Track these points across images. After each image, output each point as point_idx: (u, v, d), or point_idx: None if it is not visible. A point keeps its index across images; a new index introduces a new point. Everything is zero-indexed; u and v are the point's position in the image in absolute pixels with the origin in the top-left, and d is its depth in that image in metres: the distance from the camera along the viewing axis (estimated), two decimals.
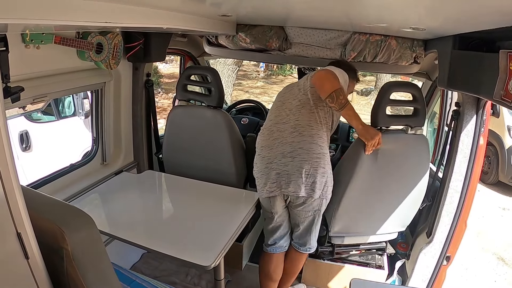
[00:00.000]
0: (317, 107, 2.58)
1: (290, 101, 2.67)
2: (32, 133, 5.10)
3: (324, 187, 2.57)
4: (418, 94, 2.65)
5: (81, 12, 1.47)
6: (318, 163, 2.52)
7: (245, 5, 2.20)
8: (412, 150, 2.70)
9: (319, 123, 2.58)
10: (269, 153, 2.62)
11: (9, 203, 1.05)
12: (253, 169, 2.74)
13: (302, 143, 2.53)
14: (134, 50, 2.86)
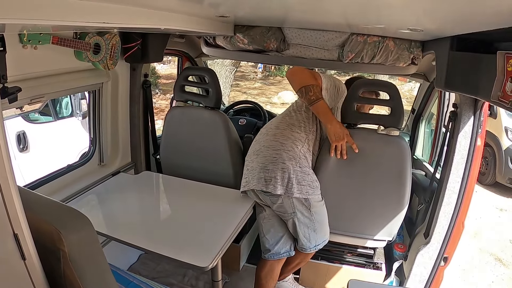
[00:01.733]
0: (298, 111, 2.81)
1: (280, 116, 2.93)
2: (29, 134, 5.10)
3: (288, 184, 2.58)
4: (394, 93, 2.67)
5: (79, 13, 1.47)
6: (276, 159, 2.60)
7: (243, 6, 2.20)
8: (384, 151, 2.67)
9: (296, 125, 2.74)
10: (250, 157, 2.77)
11: (6, 204, 1.05)
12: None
13: (271, 143, 2.68)
14: (131, 50, 2.86)
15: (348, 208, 2.80)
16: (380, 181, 2.74)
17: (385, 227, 2.86)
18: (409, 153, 2.71)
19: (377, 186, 2.75)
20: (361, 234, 2.92)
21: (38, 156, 5.02)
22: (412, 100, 5.35)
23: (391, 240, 2.98)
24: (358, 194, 2.74)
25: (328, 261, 3.20)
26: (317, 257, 3.18)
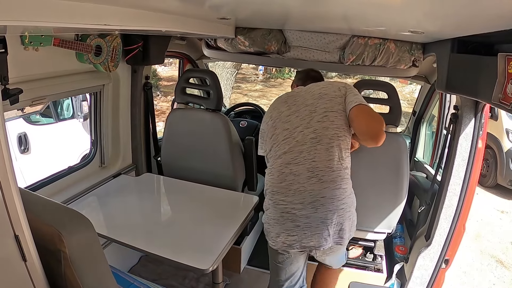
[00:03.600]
0: (337, 139, 2.18)
1: (300, 131, 2.21)
2: (30, 135, 5.10)
3: (352, 227, 2.29)
4: (392, 93, 2.76)
5: (80, 15, 1.47)
6: (344, 209, 2.18)
7: (244, 8, 2.20)
8: (382, 147, 2.71)
9: (339, 161, 2.19)
10: (284, 201, 2.18)
11: (7, 205, 1.05)
12: (265, 213, 2.32)
13: (324, 191, 2.14)
14: (133, 52, 2.86)
15: None
16: (379, 176, 2.82)
17: (385, 219, 2.92)
18: (406, 148, 2.81)
19: (376, 181, 2.82)
20: (361, 227, 2.93)
21: (39, 157, 5.02)
22: (413, 102, 5.35)
23: (391, 232, 3.04)
24: (358, 188, 2.76)
25: None
26: None
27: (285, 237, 2.21)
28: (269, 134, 2.34)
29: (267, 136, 2.36)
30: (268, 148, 2.34)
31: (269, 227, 2.28)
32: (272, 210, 2.25)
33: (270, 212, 2.27)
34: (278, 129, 2.29)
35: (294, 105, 2.31)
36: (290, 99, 2.37)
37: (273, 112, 2.38)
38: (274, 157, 2.27)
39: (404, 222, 3.57)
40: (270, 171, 2.30)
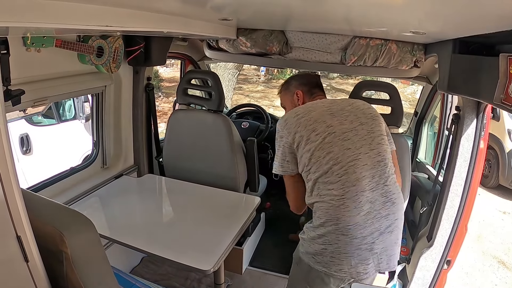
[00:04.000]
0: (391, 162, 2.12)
1: (366, 153, 2.02)
2: (32, 136, 5.11)
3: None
4: (394, 94, 2.76)
5: (82, 16, 1.48)
6: (399, 229, 2.11)
7: (245, 9, 2.20)
8: None
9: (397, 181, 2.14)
10: (363, 233, 1.96)
11: (9, 206, 1.05)
12: (323, 248, 2.02)
13: (398, 214, 2.06)
14: (134, 54, 2.86)
15: None
16: None
17: None
18: (408, 149, 2.84)
19: None
20: None
21: (41, 158, 5.03)
22: (414, 103, 5.34)
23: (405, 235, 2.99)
24: None
25: None
26: None
27: (360, 267, 2.01)
28: (319, 152, 1.98)
29: (314, 153, 1.99)
30: (318, 169, 1.99)
31: (333, 260, 2.00)
32: (342, 245, 1.97)
33: (337, 247, 1.98)
34: (337, 147, 1.98)
35: (346, 120, 2.05)
36: (338, 113, 2.08)
37: (317, 125, 2.02)
38: (336, 182, 1.96)
39: (406, 223, 3.56)
40: (336, 200, 1.96)
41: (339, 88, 17.04)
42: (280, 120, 2.17)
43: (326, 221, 1.98)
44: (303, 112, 2.10)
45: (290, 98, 2.40)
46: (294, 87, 2.40)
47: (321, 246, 2.01)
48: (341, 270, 2.00)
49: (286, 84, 2.48)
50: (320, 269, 2.04)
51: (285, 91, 2.46)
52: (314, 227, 2.04)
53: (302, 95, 2.35)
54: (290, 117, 2.11)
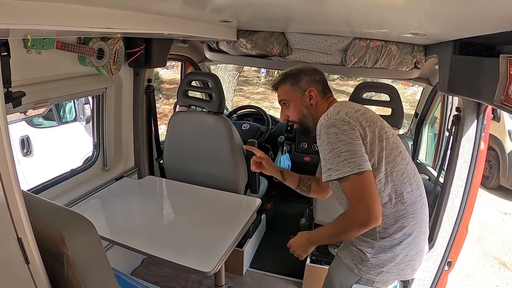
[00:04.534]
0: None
1: (408, 158, 1.97)
2: (33, 138, 5.10)
3: None
4: (394, 95, 2.75)
5: (83, 18, 1.48)
6: None
7: (246, 10, 2.20)
8: None
9: None
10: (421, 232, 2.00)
11: (10, 208, 1.05)
12: (404, 255, 1.93)
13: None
14: (135, 55, 2.87)
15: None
16: None
17: None
18: (408, 151, 2.77)
19: None
20: None
21: (41, 160, 5.03)
22: (415, 104, 5.34)
23: None
24: None
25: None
26: (321, 262, 3.17)
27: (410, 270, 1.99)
28: (393, 151, 1.87)
29: (389, 151, 1.86)
30: (394, 169, 1.86)
31: (412, 261, 1.97)
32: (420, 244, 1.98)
33: (417, 247, 1.96)
34: (401, 147, 1.93)
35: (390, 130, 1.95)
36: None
37: (379, 123, 1.90)
38: (413, 183, 1.93)
39: None
40: (418, 202, 1.94)
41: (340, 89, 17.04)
42: (335, 114, 1.83)
43: (408, 225, 1.90)
44: (359, 109, 1.89)
45: (299, 96, 2.06)
46: (306, 83, 2.05)
47: (400, 252, 1.91)
48: (413, 271, 2.00)
49: (293, 78, 2.08)
50: (386, 279, 1.98)
51: (293, 86, 2.07)
52: (390, 236, 1.90)
53: (317, 94, 2.05)
54: (351, 111, 1.85)
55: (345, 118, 1.79)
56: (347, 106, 1.89)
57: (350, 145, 1.74)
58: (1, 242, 1.07)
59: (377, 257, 1.92)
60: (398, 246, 1.89)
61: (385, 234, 1.89)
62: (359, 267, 1.96)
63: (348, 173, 1.70)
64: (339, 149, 1.74)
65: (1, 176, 1.01)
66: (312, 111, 2.05)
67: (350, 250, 2.01)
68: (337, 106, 1.91)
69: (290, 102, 2.08)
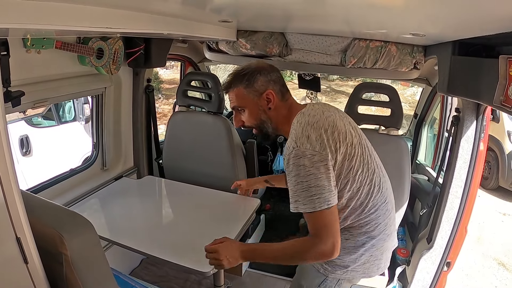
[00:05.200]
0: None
1: (376, 156, 1.99)
2: (32, 138, 5.11)
3: None
4: (394, 96, 2.79)
5: (82, 18, 1.48)
6: None
7: (245, 11, 2.21)
8: (384, 150, 2.77)
9: None
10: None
11: (9, 208, 1.05)
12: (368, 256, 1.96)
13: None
14: (134, 55, 2.86)
15: None
16: None
17: None
18: (408, 151, 2.84)
19: None
20: None
21: (41, 160, 5.03)
22: (414, 104, 5.34)
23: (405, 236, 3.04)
24: None
25: None
26: None
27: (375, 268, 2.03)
28: (363, 166, 1.83)
29: (359, 167, 1.81)
30: (365, 183, 1.84)
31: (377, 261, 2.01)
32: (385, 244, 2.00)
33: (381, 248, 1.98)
34: (366, 155, 1.87)
35: (350, 125, 1.88)
36: (343, 119, 1.87)
37: (346, 135, 1.79)
38: (381, 190, 1.91)
39: (405, 225, 3.56)
40: (384, 207, 1.93)
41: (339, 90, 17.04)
42: (304, 141, 1.69)
43: (371, 230, 1.90)
44: (328, 126, 1.74)
45: (255, 99, 1.86)
46: (262, 84, 1.84)
47: (363, 253, 1.94)
48: (379, 269, 2.03)
49: (247, 79, 1.85)
50: (352, 277, 2.02)
51: (248, 89, 1.85)
52: (354, 237, 1.92)
53: (275, 97, 1.85)
54: (321, 132, 1.71)
55: (315, 147, 1.67)
56: (316, 124, 1.73)
57: (320, 180, 1.65)
58: (0, 242, 1.07)
59: (341, 258, 1.93)
60: (362, 248, 1.91)
61: (348, 236, 1.90)
62: (325, 266, 1.98)
63: (318, 208, 1.65)
64: (307, 184, 1.65)
65: (0, 175, 1.01)
66: (271, 115, 1.89)
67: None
68: (306, 122, 1.75)
69: (245, 108, 1.90)
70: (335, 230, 1.68)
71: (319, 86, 3.89)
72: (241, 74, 1.86)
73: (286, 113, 1.88)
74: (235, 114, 1.98)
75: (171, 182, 3.20)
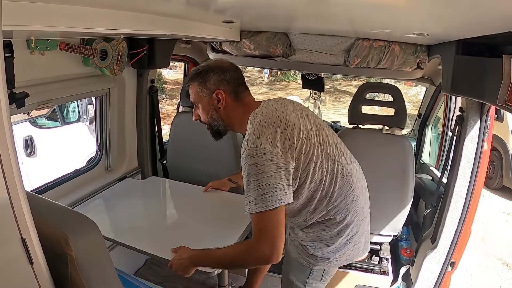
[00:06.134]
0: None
1: (338, 142, 2.03)
2: (36, 139, 5.13)
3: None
4: (397, 96, 2.84)
5: (86, 19, 1.48)
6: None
7: (249, 11, 2.21)
8: (388, 150, 2.82)
9: None
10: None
11: (14, 208, 1.05)
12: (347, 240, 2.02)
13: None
14: (138, 56, 2.87)
15: None
16: (385, 178, 2.86)
17: (390, 222, 2.95)
18: (411, 151, 2.85)
19: (382, 183, 2.84)
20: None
21: (45, 161, 5.05)
22: (418, 104, 5.34)
23: (397, 235, 3.07)
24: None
25: None
26: None
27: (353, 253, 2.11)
28: (322, 158, 1.86)
29: (318, 160, 1.84)
30: (326, 177, 1.87)
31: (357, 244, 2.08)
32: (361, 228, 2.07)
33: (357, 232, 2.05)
34: (325, 146, 1.90)
35: (306, 119, 1.92)
36: (298, 112, 1.92)
37: (301, 129, 1.83)
38: (343, 178, 1.94)
39: (410, 225, 3.56)
40: (350, 194, 1.96)
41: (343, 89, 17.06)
42: (255, 141, 1.71)
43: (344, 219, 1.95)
44: (280, 123, 1.77)
45: (206, 97, 1.93)
46: (214, 83, 1.91)
47: (341, 242, 1.99)
48: (361, 251, 2.12)
49: (201, 77, 1.93)
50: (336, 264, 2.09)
51: (200, 87, 1.93)
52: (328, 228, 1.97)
53: (225, 96, 1.91)
54: (272, 131, 1.73)
55: (266, 146, 1.69)
56: (268, 122, 1.76)
57: (271, 178, 1.67)
58: (5, 243, 1.08)
59: (320, 251, 2.00)
60: (339, 237, 1.97)
61: (323, 228, 1.96)
62: (307, 260, 2.05)
63: (270, 207, 1.65)
64: (259, 182, 1.66)
65: (5, 176, 1.01)
66: (221, 114, 1.95)
67: (296, 245, 2.10)
68: (258, 122, 1.78)
69: (199, 104, 1.97)
70: (279, 233, 1.68)
71: (323, 86, 3.90)
72: (197, 71, 1.95)
73: (240, 113, 1.92)
74: (194, 109, 2.05)
75: (175, 182, 3.20)
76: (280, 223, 1.69)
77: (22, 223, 1.09)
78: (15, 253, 1.10)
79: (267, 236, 1.68)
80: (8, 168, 1.02)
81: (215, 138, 2.09)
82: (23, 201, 1.08)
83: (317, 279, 2.11)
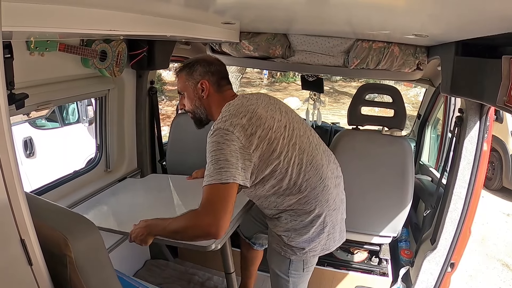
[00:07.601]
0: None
1: (311, 135, 2.18)
2: (36, 140, 5.13)
3: None
4: (397, 97, 2.86)
5: (86, 20, 1.48)
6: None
7: (248, 12, 2.21)
8: (388, 151, 2.82)
9: None
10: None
11: (13, 210, 1.05)
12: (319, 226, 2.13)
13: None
14: (138, 57, 2.87)
15: (354, 206, 2.81)
16: (384, 179, 2.86)
17: (390, 223, 2.95)
18: (411, 152, 2.86)
19: (382, 184, 2.86)
20: (367, 231, 3.01)
21: (44, 162, 5.05)
22: (417, 105, 5.34)
23: (396, 236, 3.07)
24: (363, 192, 2.83)
25: (334, 268, 3.19)
26: (323, 263, 3.17)
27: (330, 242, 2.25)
28: (288, 148, 1.99)
29: (284, 150, 1.97)
30: (293, 165, 2.00)
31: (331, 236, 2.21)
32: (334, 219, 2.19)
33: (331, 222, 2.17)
34: (295, 137, 2.05)
35: (279, 111, 2.10)
36: (268, 106, 2.09)
37: (269, 121, 1.98)
38: (312, 169, 2.06)
39: (409, 226, 3.56)
40: (319, 185, 2.07)
41: (342, 91, 17.06)
42: (222, 122, 1.88)
43: (315, 209, 2.07)
44: (246, 113, 1.93)
45: (192, 87, 2.11)
46: (200, 74, 2.10)
47: (314, 231, 2.11)
48: (336, 241, 2.25)
49: (189, 68, 2.13)
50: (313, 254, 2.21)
51: (187, 77, 2.13)
52: (299, 217, 2.09)
53: (209, 86, 2.10)
54: (238, 118, 1.89)
55: (229, 128, 1.84)
56: (236, 112, 1.92)
57: (229, 155, 1.78)
58: (4, 244, 1.08)
59: (294, 241, 2.13)
60: (311, 226, 2.10)
61: (296, 217, 2.09)
62: (284, 249, 2.18)
63: (223, 180, 1.73)
64: (217, 157, 1.78)
65: (4, 177, 1.01)
66: (204, 103, 2.13)
67: (273, 235, 2.23)
68: (227, 110, 1.95)
69: (185, 92, 2.16)
70: (225, 209, 1.74)
71: (322, 87, 3.89)
72: (186, 63, 2.17)
73: (219, 103, 2.07)
74: (180, 98, 2.23)
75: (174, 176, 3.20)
76: (228, 198, 1.75)
77: (21, 224, 1.09)
78: (14, 254, 1.10)
79: (213, 208, 1.74)
80: (7, 169, 1.02)
81: (198, 127, 2.24)
82: (22, 202, 1.08)
83: (299, 270, 2.26)
